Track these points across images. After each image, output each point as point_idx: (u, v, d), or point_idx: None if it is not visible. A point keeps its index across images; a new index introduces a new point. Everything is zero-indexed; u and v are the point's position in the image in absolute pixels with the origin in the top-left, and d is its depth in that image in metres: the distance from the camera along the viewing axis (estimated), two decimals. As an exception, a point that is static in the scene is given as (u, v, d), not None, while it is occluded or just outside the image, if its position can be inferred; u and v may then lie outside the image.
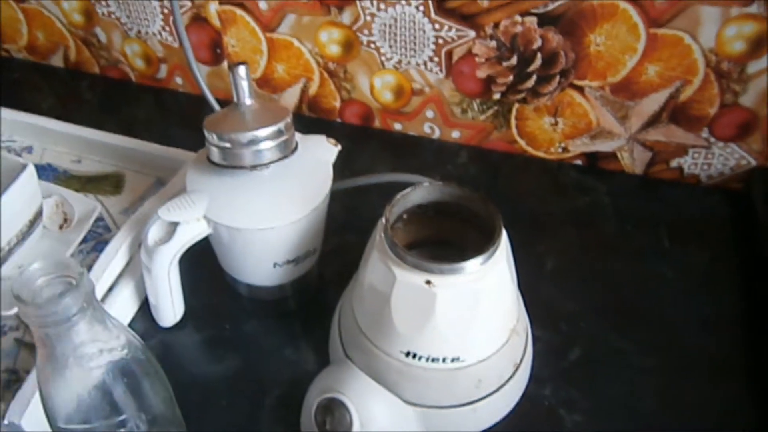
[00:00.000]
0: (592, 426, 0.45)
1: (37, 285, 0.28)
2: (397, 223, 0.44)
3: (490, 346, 0.41)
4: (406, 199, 0.42)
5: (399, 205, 0.42)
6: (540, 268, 0.56)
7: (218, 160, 0.44)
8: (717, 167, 0.61)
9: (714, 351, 0.50)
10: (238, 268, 0.50)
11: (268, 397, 0.47)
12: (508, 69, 0.61)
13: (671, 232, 0.59)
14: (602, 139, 0.63)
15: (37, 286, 0.28)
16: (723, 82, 0.56)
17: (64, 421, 0.31)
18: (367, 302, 0.41)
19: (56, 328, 0.27)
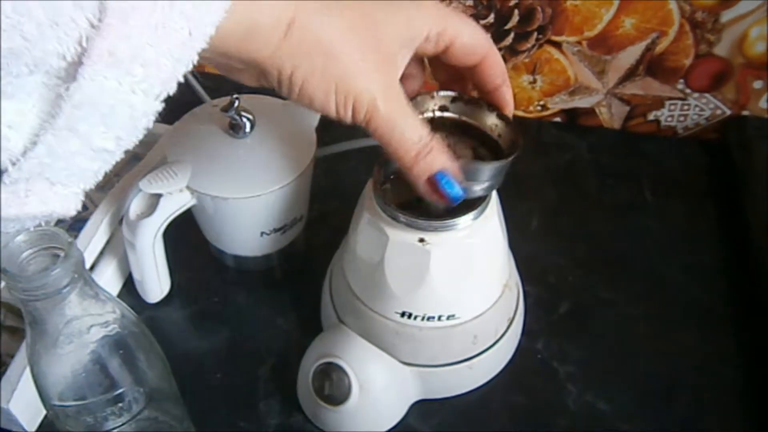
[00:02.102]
0: (585, 376, 0.46)
1: (23, 257, 0.26)
2: (385, 184, 0.43)
3: (484, 301, 0.41)
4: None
5: (387, 165, 0.41)
6: (526, 226, 0.56)
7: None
8: (693, 118, 0.62)
9: (698, 298, 0.51)
10: (224, 239, 0.50)
11: (263, 367, 0.47)
12: (486, 27, 0.60)
13: (652, 185, 0.59)
14: (580, 95, 0.63)
15: (24, 259, 0.26)
16: (697, 32, 0.56)
17: (59, 399, 0.30)
18: (360, 265, 0.41)
19: (46, 301, 0.26)
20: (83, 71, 0.22)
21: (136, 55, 0.22)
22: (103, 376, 0.30)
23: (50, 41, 0.21)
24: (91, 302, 0.28)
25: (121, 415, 0.31)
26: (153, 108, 0.24)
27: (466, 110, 0.38)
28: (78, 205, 0.25)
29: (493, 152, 0.38)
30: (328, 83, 0.27)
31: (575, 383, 0.46)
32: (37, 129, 0.23)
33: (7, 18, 0.20)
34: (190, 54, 0.23)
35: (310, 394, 0.42)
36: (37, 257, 0.27)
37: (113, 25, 0.21)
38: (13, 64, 0.21)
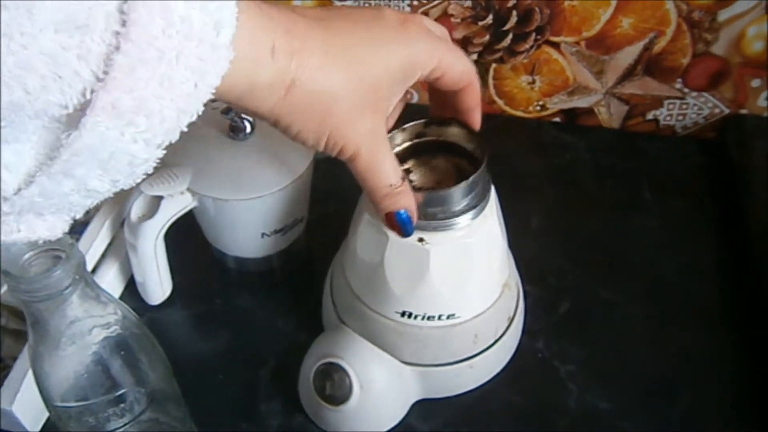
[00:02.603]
0: (586, 375, 0.46)
1: (25, 259, 0.27)
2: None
3: (484, 300, 0.41)
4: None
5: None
6: (525, 226, 0.56)
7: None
8: (691, 117, 0.62)
9: (698, 297, 0.51)
10: (225, 241, 0.50)
11: (264, 368, 0.47)
12: (484, 28, 0.60)
13: (651, 184, 0.59)
14: (579, 95, 0.63)
15: (26, 261, 0.27)
16: (695, 31, 0.57)
17: (61, 400, 0.30)
18: (360, 266, 0.41)
19: (48, 303, 0.27)
20: (85, 121, 0.21)
21: (140, 107, 0.22)
22: (104, 377, 0.30)
23: (53, 93, 0.20)
24: (93, 304, 0.28)
25: (123, 415, 0.31)
26: (154, 155, 0.23)
27: (440, 131, 0.41)
28: (65, 228, 0.25)
29: (472, 163, 0.40)
30: (322, 133, 0.29)
31: (576, 382, 0.46)
32: (33, 171, 0.22)
33: (9, 72, 0.19)
34: (195, 105, 0.23)
35: (311, 395, 0.42)
36: (38, 259, 0.27)
37: (118, 79, 0.21)
38: (14, 115, 0.21)
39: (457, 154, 0.40)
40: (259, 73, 0.25)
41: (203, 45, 0.22)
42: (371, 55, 0.29)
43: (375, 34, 0.29)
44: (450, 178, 0.40)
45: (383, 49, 0.29)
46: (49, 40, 0.19)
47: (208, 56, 0.22)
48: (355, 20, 0.29)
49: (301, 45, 0.26)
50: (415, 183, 0.40)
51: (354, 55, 0.28)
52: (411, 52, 0.30)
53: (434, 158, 0.41)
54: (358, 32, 0.29)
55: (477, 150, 0.40)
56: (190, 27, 0.21)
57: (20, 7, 0.19)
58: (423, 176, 0.40)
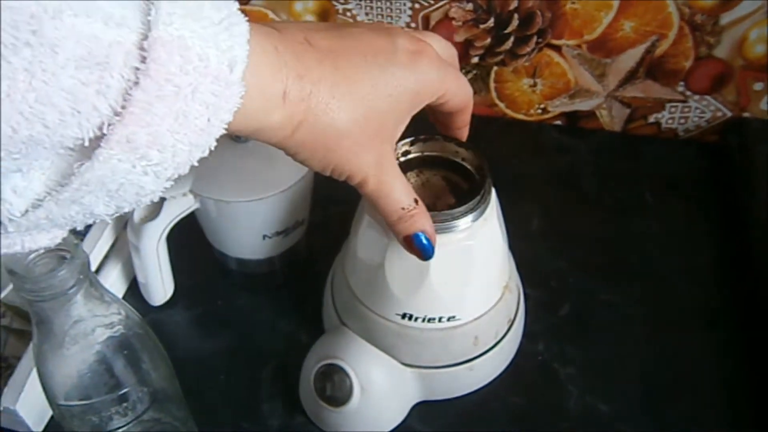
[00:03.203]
0: (586, 377, 0.46)
1: (30, 259, 0.27)
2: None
3: (484, 303, 0.42)
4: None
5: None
6: (526, 228, 0.56)
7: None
8: (693, 120, 0.62)
9: (699, 299, 0.51)
10: (227, 242, 0.50)
11: (265, 369, 0.47)
12: (486, 31, 0.61)
13: (652, 187, 0.59)
14: (581, 98, 0.63)
15: (31, 261, 0.27)
16: (697, 34, 0.57)
17: (65, 399, 0.31)
18: (361, 268, 0.41)
19: (53, 302, 0.27)
20: (99, 153, 0.22)
21: (155, 142, 0.22)
22: (108, 376, 0.30)
23: (71, 128, 0.21)
24: (97, 303, 0.29)
25: (126, 414, 0.31)
26: (161, 187, 0.24)
27: (427, 147, 0.42)
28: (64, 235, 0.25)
29: (463, 175, 0.41)
30: (327, 164, 0.30)
31: (576, 385, 0.46)
32: (42, 196, 0.23)
33: (31, 108, 0.20)
34: (208, 140, 0.23)
35: (311, 396, 0.42)
36: (43, 259, 0.27)
37: (136, 114, 0.21)
38: (31, 149, 0.21)
39: (445, 168, 0.42)
40: (269, 115, 0.26)
41: (218, 81, 0.22)
42: (379, 91, 0.29)
43: (384, 69, 0.30)
44: (445, 194, 0.41)
45: (391, 84, 0.30)
46: (70, 77, 0.20)
47: (221, 92, 0.23)
48: (365, 54, 0.29)
49: (311, 89, 0.27)
50: None
51: (361, 94, 0.29)
52: (419, 84, 0.31)
53: (423, 174, 0.42)
54: (368, 69, 0.29)
55: (470, 162, 0.41)
56: (206, 64, 0.22)
57: (44, 44, 0.19)
58: (418, 193, 0.41)
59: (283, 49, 0.26)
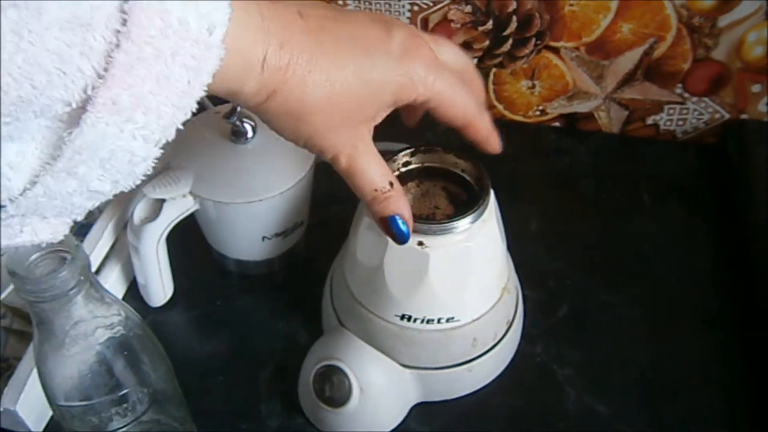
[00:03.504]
0: (584, 378, 0.46)
1: (31, 260, 0.27)
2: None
3: (483, 304, 0.42)
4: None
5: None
6: (525, 229, 0.56)
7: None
8: (692, 122, 0.63)
9: (697, 300, 0.51)
10: (226, 244, 0.50)
11: (264, 370, 0.47)
12: (484, 34, 0.61)
13: (650, 188, 0.60)
14: (579, 99, 0.64)
15: (32, 262, 0.27)
16: (695, 37, 0.57)
17: (65, 399, 0.31)
18: (360, 269, 0.42)
19: (53, 303, 0.27)
20: (86, 118, 0.22)
21: (138, 104, 0.23)
22: (108, 377, 0.30)
23: (57, 89, 0.21)
24: (97, 304, 0.29)
25: (126, 415, 0.31)
26: (152, 154, 0.24)
27: (427, 158, 0.43)
28: (66, 231, 0.26)
29: (462, 186, 0.42)
30: (298, 137, 0.30)
31: (574, 386, 0.46)
32: (37, 170, 0.23)
33: (19, 69, 0.20)
34: (189, 102, 0.24)
35: (310, 397, 0.42)
36: (44, 260, 0.27)
37: (118, 76, 0.22)
38: (21, 110, 0.22)
39: (445, 179, 0.42)
40: (246, 80, 0.26)
41: (197, 44, 0.23)
42: (361, 75, 0.29)
43: (371, 55, 0.29)
44: (445, 203, 0.41)
45: (375, 71, 0.30)
46: (55, 38, 0.20)
47: (201, 55, 0.23)
48: (355, 37, 0.29)
49: (289, 59, 0.27)
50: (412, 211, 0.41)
51: (341, 74, 0.28)
52: (404, 78, 0.31)
53: (423, 184, 0.43)
54: (353, 51, 0.29)
55: (470, 173, 0.42)
56: (186, 28, 0.22)
57: (30, 7, 0.20)
58: (417, 203, 0.41)
59: (269, 16, 0.26)
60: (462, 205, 0.41)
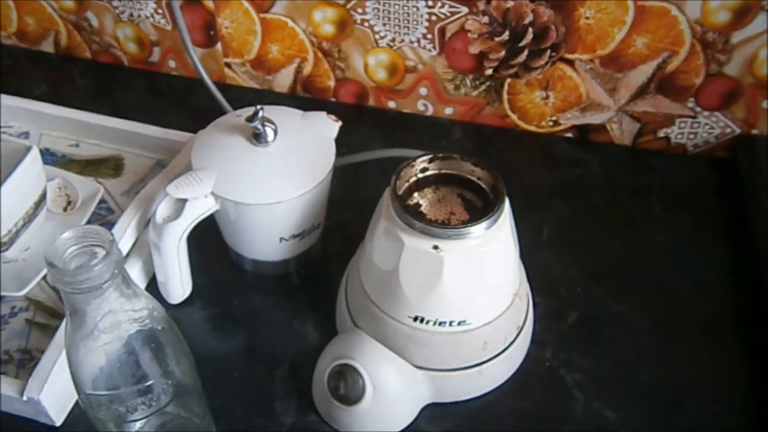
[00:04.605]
0: (593, 384, 0.47)
1: (68, 253, 0.28)
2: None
3: (495, 309, 0.43)
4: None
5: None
6: (536, 238, 0.57)
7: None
8: (703, 136, 0.63)
9: (706, 311, 0.52)
10: (244, 244, 0.51)
11: (279, 368, 0.48)
12: (500, 44, 0.62)
13: (661, 200, 0.61)
14: (592, 111, 0.65)
15: (69, 255, 0.28)
16: (708, 52, 0.58)
17: (92, 388, 0.32)
18: (376, 270, 0.43)
19: (87, 295, 0.28)
20: None
21: None
22: (135, 368, 0.32)
23: None
24: (128, 298, 0.30)
25: (150, 406, 0.33)
26: None
27: (444, 164, 0.44)
28: None
29: (477, 193, 0.43)
30: None
31: (582, 391, 0.47)
32: None
33: None
34: None
35: (325, 394, 0.43)
36: (80, 253, 0.29)
37: None
38: None
39: (461, 185, 0.44)
40: None
41: None
42: None
43: None
44: (460, 210, 0.42)
45: None
46: None
47: None
48: None
49: None
50: (428, 216, 0.42)
51: None
52: None
53: (439, 190, 0.44)
54: None
55: (485, 181, 0.43)
56: None
57: None
58: (433, 208, 0.42)
59: None
60: (476, 212, 0.42)
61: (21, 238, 0.51)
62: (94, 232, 0.28)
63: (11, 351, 0.47)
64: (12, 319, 0.49)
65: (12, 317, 0.49)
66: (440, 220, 0.42)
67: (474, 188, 0.43)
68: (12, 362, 0.47)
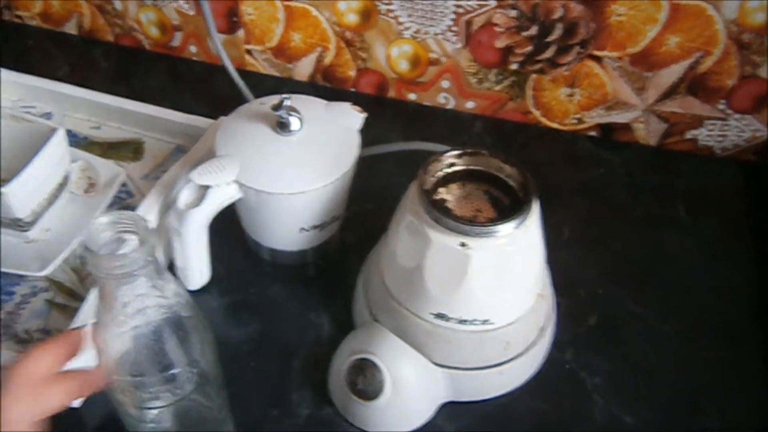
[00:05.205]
0: (612, 388, 0.46)
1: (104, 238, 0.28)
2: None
3: (518, 309, 0.42)
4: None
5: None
6: (557, 237, 0.56)
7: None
8: (732, 139, 0.62)
9: (728, 316, 0.51)
10: (264, 233, 0.51)
11: (295, 358, 0.48)
12: (528, 39, 0.61)
13: (686, 202, 0.60)
14: (618, 110, 0.64)
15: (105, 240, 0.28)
16: (743, 53, 0.56)
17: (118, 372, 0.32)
18: (398, 265, 0.42)
19: (120, 279, 0.28)
20: None
21: None
22: (161, 355, 0.31)
23: None
24: (158, 284, 0.30)
25: (175, 393, 0.32)
26: None
27: (472, 160, 0.43)
28: None
29: (505, 190, 0.43)
30: None
31: (602, 395, 0.46)
32: None
33: None
34: None
35: (342, 388, 0.43)
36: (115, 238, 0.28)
37: None
38: None
39: (488, 182, 0.43)
40: None
41: None
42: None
43: None
44: (487, 207, 0.42)
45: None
46: None
47: None
48: None
49: None
50: (454, 211, 0.41)
51: None
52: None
53: (466, 186, 0.43)
54: None
55: (514, 178, 0.42)
56: None
57: None
58: (459, 204, 0.42)
59: None
60: (503, 210, 0.42)
61: (43, 219, 0.51)
62: (128, 217, 0.28)
63: (31, 330, 0.47)
64: (32, 299, 0.49)
65: (32, 297, 0.49)
66: (467, 217, 0.41)
67: (501, 185, 0.43)
68: (32, 341, 0.47)
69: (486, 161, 0.43)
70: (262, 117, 0.48)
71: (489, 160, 0.43)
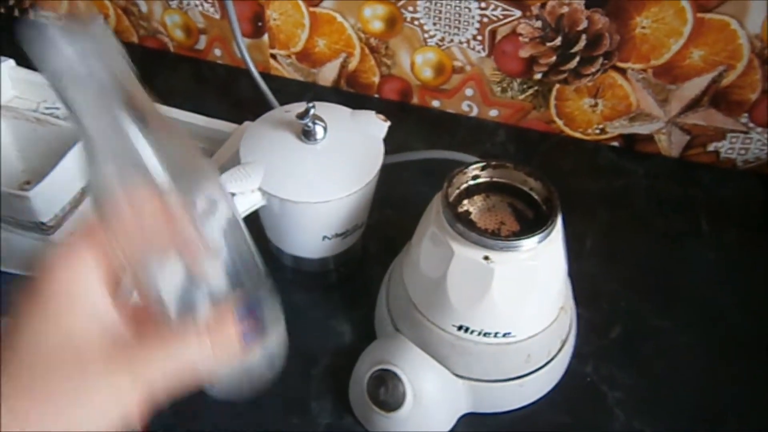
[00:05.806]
0: (634, 402, 0.46)
1: None
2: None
3: (541, 322, 0.42)
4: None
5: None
6: (579, 248, 0.56)
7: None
8: (754, 152, 0.62)
9: (751, 331, 0.51)
10: (286, 240, 0.51)
11: (315, 367, 0.48)
12: (552, 49, 0.61)
13: (708, 215, 0.59)
14: (641, 121, 0.63)
15: None
16: (766, 68, 0.56)
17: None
18: (421, 277, 0.42)
19: None
20: None
21: None
22: None
23: None
24: None
25: None
26: None
27: (497, 173, 0.43)
28: None
29: (529, 203, 0.43)
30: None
31: (623, 409, 0.46)
32: None
33: None
34: None
35: (363, 399, 0.43)
36: None
37: None
38: None
39: (512, 195, 0.43)
40: None
41: None
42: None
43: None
44: (510, 220, 0.42)
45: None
46: None
47: None
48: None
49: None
50: (477, 223, 0.41)
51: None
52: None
53: (490, 199, 0.43)
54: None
55: (538, 192, 0.42)
56: None
57: None
58: (483, 216, 0.42)
59: None
60: (527, 223, 0.42)
61: (67, 223, 0.52)
62: None
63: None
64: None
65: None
66: (490, 230, 0.41)
67: (525, 198, 0.43)
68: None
69: (510, 174, 0.43)
70: (287, 125, 0.48)
71: (513, 173, 0.43)
